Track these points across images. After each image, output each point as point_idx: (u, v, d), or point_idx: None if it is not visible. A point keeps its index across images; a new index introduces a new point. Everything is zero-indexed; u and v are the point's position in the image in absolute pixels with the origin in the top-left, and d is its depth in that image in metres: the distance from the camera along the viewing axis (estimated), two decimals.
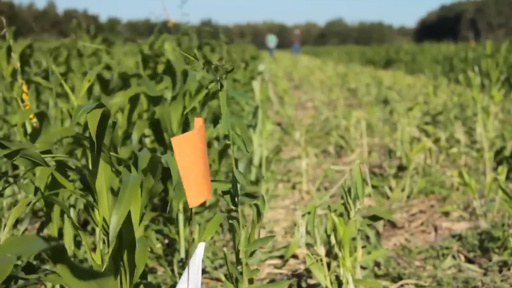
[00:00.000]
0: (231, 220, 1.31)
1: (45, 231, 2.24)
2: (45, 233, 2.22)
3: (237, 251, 1.33)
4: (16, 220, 2.24)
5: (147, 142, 2.59)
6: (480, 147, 4.01)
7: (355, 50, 27.57)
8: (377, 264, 2.19)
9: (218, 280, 2.12)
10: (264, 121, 3.46)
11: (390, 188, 3.31)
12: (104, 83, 2.56)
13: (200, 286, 1.18)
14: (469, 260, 2.25)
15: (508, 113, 5.76)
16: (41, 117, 1.44)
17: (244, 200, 1.29)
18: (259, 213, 1.31)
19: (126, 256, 1.29)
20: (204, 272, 2.15)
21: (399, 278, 2.07)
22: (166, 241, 2.44)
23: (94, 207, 1.33)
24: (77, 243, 2.13)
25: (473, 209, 2.86)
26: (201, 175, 1.08)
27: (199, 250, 1.19)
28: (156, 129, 2.24)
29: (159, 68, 2.87)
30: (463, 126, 4.89)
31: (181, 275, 2.04)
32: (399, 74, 12.81)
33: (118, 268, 1.31)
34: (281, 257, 2.35)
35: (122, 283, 1.32)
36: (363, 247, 2.10)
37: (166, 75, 2.27)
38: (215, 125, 1.22)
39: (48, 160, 1.37)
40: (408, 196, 3.22)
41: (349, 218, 1.65)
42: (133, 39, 4.82)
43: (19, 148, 1.14)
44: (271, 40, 32.52)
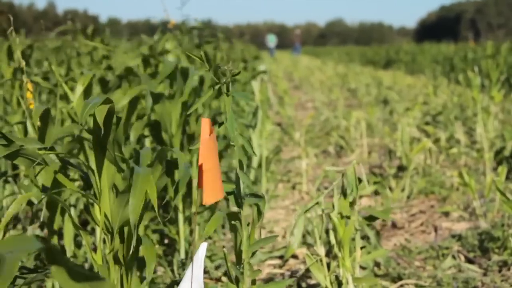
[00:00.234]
0: (234, 221, 1.31)
1: (45, 231, 2.24)
2: (45, 233, 2.22)
3: (239, 251, 1.33)
4: (17, 220, 2.25)
5: (147, 143, 2.58)
6: (480, 147, 4.01)
7: (355, 51, 27.57)
8: (377, 264, 2.19)
9: (218, 280, 2.12)
10: (264, 121, 3.46)
11: (390, 188, 3.31)
12: (104, 83, 2.56)
13: (203, 285, 1.18)
14: (469, 260, 2.25)
15: (508, 114, 5.76)
16: (45, 116, 1.44)
17: (248, 201, 1.29)
18: (260, 213, 1.31)
19: (131, 254, 1.29)
20: (204, 272, 2.15)
21: (399, 278, 2.07)
22: (166, 241, 2.44)
23: (95, 206, 1.33)
24: (77, 243, 2.13)
25: (473, 209, 2.86)
26: (217, 175, 1.10)
27: (201, 250, 1.19)
28: (155, 129, 2.24)
29: (160, 68, 2.87)
30: (463, 126, 4.90)
31: (181, 275, 2.04)
32: (399, 75, 12.82)
33: (119, 266, 1.31)
34: (281, 257, 2.36)
35: (123, 282, 1.32)
36: (363, 247, 2.10)
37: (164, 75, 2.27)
38: (219, 126, 1.22)
39: (49, 160, 1.37)
40: (408, 196, 3.22)
41: (349, 218, 1.65)
42: (139, 43, 4.83)
43: (22, 145, 1.14)
44: (271, 40, 32.45)
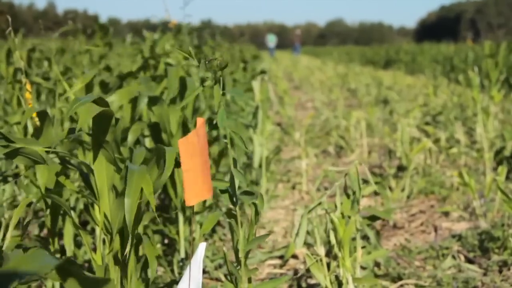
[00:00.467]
0: (230, 219, 1.31)
1: (45, 231, 2.24)
2: (45, 233, 2.22)
3: (236, 250, 1.33)
4: (17, 221, 2.24)
5: (147, 143, 2.58)
6: (480, 147, 4.01)
7: (355, 51, 27.57)
8: (377, 264, 2.19)
9: (218, 280, 2.12)
10: (264, 121, 3.46)
11: (390, 188, 3.31)
12: (103, 84, 2.56)
13: (201, 286, 1.18)
14: (469, 260, 2.25)
15: (508, 113, 5.76)
16: (43, 117, 1.44)
17: (243, 199, 1.29)
18: (257, 212, 1.31)
19: (130, 254, 1.29)
20: (204, 272, 2.15)
21: (399, 278, 2.07)
22: (166, 241, 2.44)
23: (95, 206, 1.33)
24: (77, 243, 2.13)
25: (473, 209, 2.86)
26: (202, 175, 1.09)
27: (200, 250, 1.19)
28: (155, 130, 2.24)
29: (160, 68, 2.87)
30: (463, 126, 4.89)
31: (181, 275, 2.04)
32: (399, 74, 12.82)
33: (119, 266, 1.31)
34: (281, 257, 2.36)
35: (123, 283, 1.32)
36: (363, 247, 2.11)
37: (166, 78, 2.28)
38: (210, 125, 1.22)
39: (49, 160, 1.37)
40: (408, 196, 3.22)
41: (349, 218, 1.65)
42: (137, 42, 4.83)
43: (22, 146, 1.14)
44: (271, 40, 32.45)
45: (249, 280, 1.34)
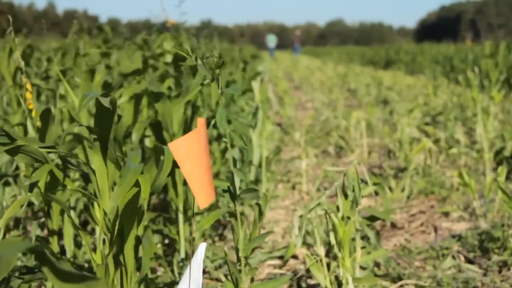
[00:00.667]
0: (230, 218, 1.32)
1: (45, 231, 2.24)
2: (45, 234, 2.22)
3: (237, 250, 1.33)
4: (17, 221, 2.24)
5: (147, 142, 2.58)
6: (480, 148, 4.01)
7: (355, 51, 27.57)
8: (377, 265, 2.19)
9: (218, 281, 2.12)
10: (264, 122, 3.46)
11: (390, 189, 3.31)
12: (105, 84, 2.56)
13: (201, 286, 1.18)
14: (469, 261, 2.25)
15: (508, 114, 5.76)
16: (46, 116, 1.45)
17: (245, 197, 1.29)
18: (261, 212, 1.31)
19: (129, 252, 1.29)
20: (204, 272, 2.15)
21: (399, 279, 2.07)
22: (166, 241, 2.44)
23: (95, 206, 1.33)
24: (77, 244, 2.13)
25: (473, 210, 2.86)
26: (206, 176, 1.08)
27: (200, 250, 1.19)
28: (157, 129, 2.25)
29: (160, 68, 2.87)
30: (463, 127, 4.90)
31: (181, 275, 2.04)
32: (399, 75, 12.82)
33: (119, 266, 1.31)
34: (281, 258, 2.36)
35: (123, 283, 1.32)
36: (363, 248, 2.11)
37: (171, 72, 2.28)
38: (209, 124, 1.21)
39: (50, 159, 1.37)
40: (408, 197, 3.22)
41: (349, 219, 1.65)
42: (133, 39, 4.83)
43: (23, 143, 1.15)
44: (271, 40, 32.50)
45: (252, 280, 1.34)
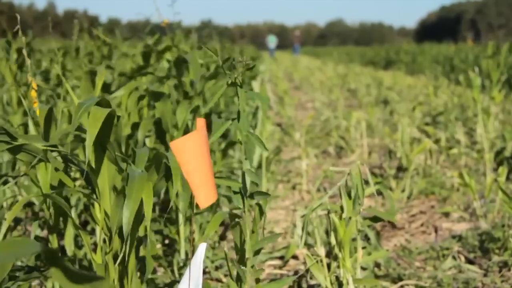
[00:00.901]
0: (238, 219, 1.31)
1: (45, 232, 2.24)
2: (45, 234, 2.22)
3: (243, 250, 1.32)
4: (18, 221, 2.24)
5: (147, 142, 2.58)
6: (481, 148, 4.01)
7: (355, 51, 27.56)
8: (377, 265, 2.19)
9: (219, 281, 2.12)
10: (264, 122, 3.46)
11: (391, 189, 3.31)
12: (105, 84, 2.56)
13: (201, 287, 1.18)
14: (469, 261, 2.25)
15: (509, 114, 5.76)
16: (48, 116, 1.45)
17: (258, 199, 1.29)
18: (262, 212, 1.31)
19: (131, 254, 1.29)
20: (205, 273, 2.15)
21: (399, 279, 2.07)
22: (166, 242, 2.43)
23: (96, 206, 1.33)
24: (77, 244, 2.13)
25: (473, 210, 2.86)
26: (207, 176, 1.08)
27: (200, 250, 1.19)
28: (158, 128, 2.24)
29: (160, 68, 2.86)
30: (464, 127, 4.89)
31: (181, 276, 2.03)
32: (399, 75, 12.82)
33: (119, 266, 1.31)
34: (281, 258, 2.35)
35: (123, 283, 1.32)
36: (363, 248, 2.10)
37: (174, 70, 2.27)
38: (210, 124, 1.22)
39: (52, 158, 1.37)
40: (408, 197, 3.22)
41: (349, 219, 1.65)
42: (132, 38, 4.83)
43: (25, 142, 1.14)
44: (272, 41, 32.64)
45: (257, 281, 1.34)
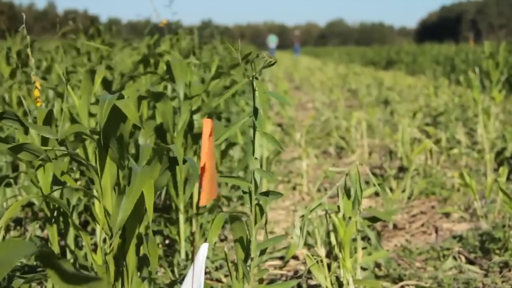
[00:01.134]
0: (237, 221, 1.31)
1: (45, 232, 2.24)
2: (45, 234, 2.22)
3: (247, 250, 1.32)
4: (18, 221, 2.24)
5: (148, 141, 2.58)
6: (481, 148, 4.01)
7: (356, 51, 27.56)
8: (378, 265, 2.19)
9: (219, 281, 2.11)
10: (265, 122, 3.46)
11: (391, 189, 3.31)
12: (106, 84, 2.56)
13: (203, 287, 1.18)
14: (470, 261, 2.25)
15: (509, 114, 5.76)
16: (48, 115, 1.45)
17: (271, 199, 1.29)
18: (262, 212, 1.31)
19: (131, 252, 1.29)
20: (205, 273, 2.14)
21: (400, 279, 2.07)
22: (167, 242, 2.43)
23: (96, 205, 1.33)
24: (77, 244, 2.13)
25: (474, 210, 2.86)
26: (213, 176, 1.11)
27: (203, 251, 1.19)
28: (159, 128, 2.24)
29: (161, 68, 2.87)
30: (464, 127, 4.89)
31: (182, 276, 2.03)
32: (400, 75, 12.81)
33: (120, 266, 1.31)
34: (282, 258, 2.35)
35: (124, 281, 1.32)
36: (364, 248, 2.10)
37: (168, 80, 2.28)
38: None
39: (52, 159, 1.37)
40: (409, 197, 3.22)
41: (349, 219, 1.64)
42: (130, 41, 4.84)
43: (35, 130, 1.15)
44: (272, 41, 32.74)
45: (261, 281, 1.34)
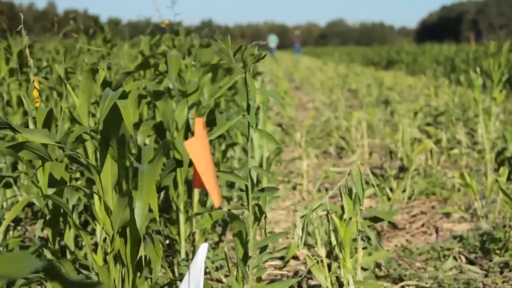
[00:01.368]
0: (235, 221, 1.31)
1: (45, 232, 2.23)
2: (45, 234, 2.22)
3: (245, 249, 1.32)
4: (18, 221, 2.24)
5: (147, 142, 2.58)
6: (482, 148, 4.01)
7: (356, 51, 27.56)
8: (378, 265, 2.19)
9: (219, 281, 2.11)
10: (265, 122, 3.46)
11: (391, 189, 3.30)
12: (106, 83, 2.56)
13: (202, 287, 1.18)
14: (470, 261, 2.25)
15: (510, 114, 5.75)
16: (48, 115, 1.45)
17: (266, 195, 1.29)
18: (262, 212, 1.31)
19: (130, 252, 1.29)
20: (205, 273, 2.14)
21: (400, 279, 2.07)
22: (167, 242, 2.43)
23: (96, 205, 1.33)
24: (78, 244, 2.13)
25: (474, 210, 2.85)
26: (214, 176, 1.10)
27: (202, 251, 1.18)
28: (158, 127, 2.24)
29: (161, 68, 2.86)
30: (465, 127, 4.88)
31: (182, 276, 2.03)
32: (400, 75, 12.80)
33: (120, 266, 1.31)
34: (282, 258, 2.35)
35: (124, 281, 1.32)
36: (364, 248, 2.10)
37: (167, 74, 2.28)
38: (209, 123, 1.22)
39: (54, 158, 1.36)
40: (409, 197, 3.22)
41: (350, 219, 1.64)
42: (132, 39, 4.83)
43: (28, 136, 1.15)
44: (273, 41, 32.77)
45: (259, 280, 1.34)
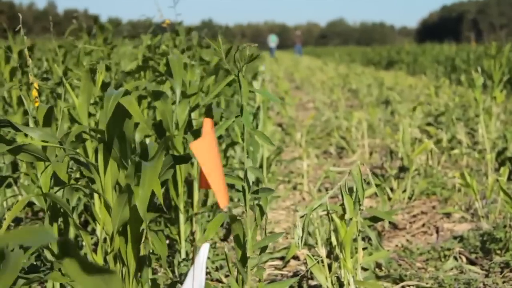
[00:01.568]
0: (236, 221, 1.31)
1: None
2: None
3: (244, 250, 1.32)
4: (18, 221, 2.24)
5: (147, 141, 2.58)
6: (482, 148, 4.00)
7: (357, 51, 27.55)
8: (378, 266, 2.19)
9: (219, 281, 2.11)
10: (265, 122, 3.45)
11: (392, 189, 3.30)
12: (105, 84, 2.56)
13: (204, 287, 1.18)
14: (471, 262, 2.24)
15: (510, 114, 5.75)
16: (49, 112, 1.45)
17: (262, 196, 1.29)
18: (262, 212, 1.31)
19: (131, 251, 1.29)
20: (205, 273, 2.14)
21: (401, 280, 2.07)
22: (167, 242, 2.43)
23: (96, 205, 1.33)
24: (78, 244, 2.13)
25: (475, 210, 2.85)
26: (222, 176, 1.10)
27: (203, 251, 1.18)
28: (158, 127, 2.24)
29: (162, 69, 2.86)
30: (465, 127, 4.88)
31: (182, 276, 2.03)
32: (401, 75, 12.80)
33: (120, 266, 1.31)
34: (282, 258, 2.35)
35: (124, 281, 1.32)
36: (364, 249, 2.10)
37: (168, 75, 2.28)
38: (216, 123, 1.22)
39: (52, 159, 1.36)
40: (410, 197, 3.21)
41: (350, 219, 1.64)
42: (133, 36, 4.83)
43: (28, 133, 1.14)
44: (273, 40, 32.84)
45: (259, 280, 1.34)
